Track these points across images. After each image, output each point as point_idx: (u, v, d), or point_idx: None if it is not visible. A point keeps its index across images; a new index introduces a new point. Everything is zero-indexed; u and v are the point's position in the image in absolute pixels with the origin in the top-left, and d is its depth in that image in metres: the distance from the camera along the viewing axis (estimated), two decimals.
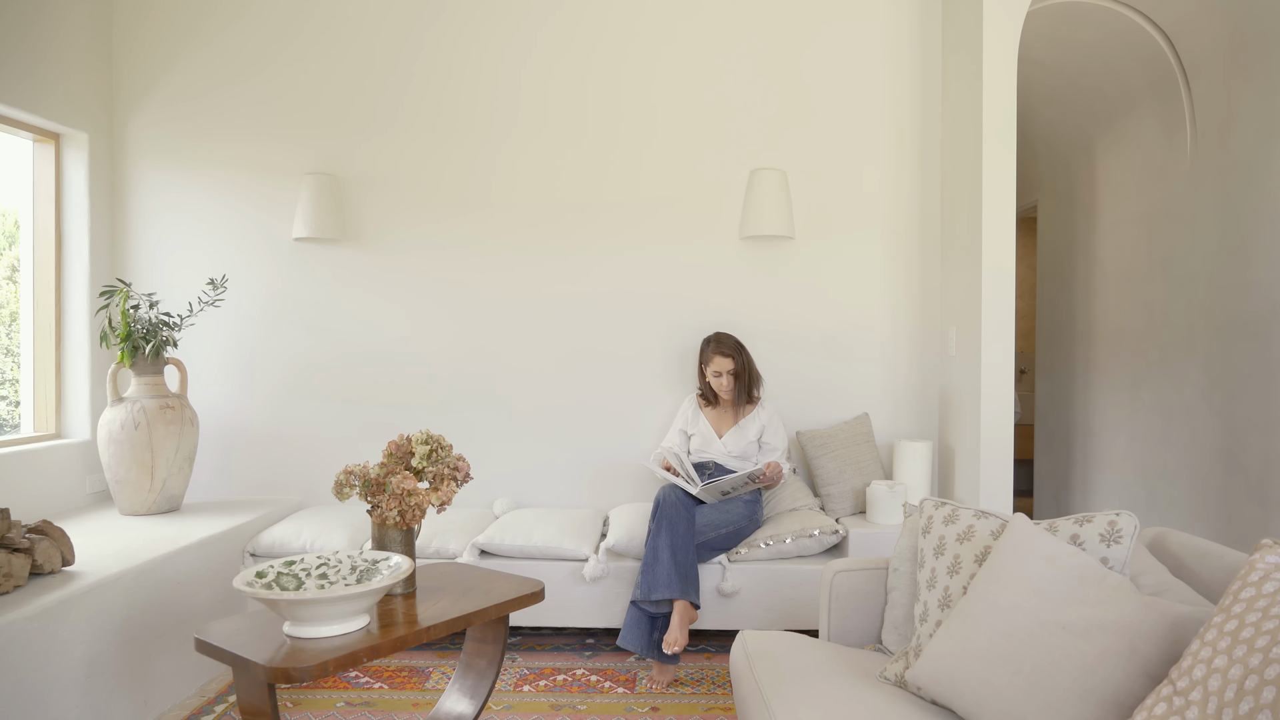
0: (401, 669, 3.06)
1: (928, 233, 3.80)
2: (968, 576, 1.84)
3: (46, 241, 3.63)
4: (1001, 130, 3.24)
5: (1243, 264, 3.43)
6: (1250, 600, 1.31)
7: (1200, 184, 3.70)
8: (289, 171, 3.83)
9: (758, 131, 3.80)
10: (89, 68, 3.71)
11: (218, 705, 2.81)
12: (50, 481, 3.45)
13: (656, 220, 3.82)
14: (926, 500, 2.09)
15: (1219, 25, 3.49)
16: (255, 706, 1.82)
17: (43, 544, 2.44)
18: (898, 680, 1.87)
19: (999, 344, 3.26)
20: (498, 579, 2.36)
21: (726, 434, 3.45)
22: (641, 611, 2.99)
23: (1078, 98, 4.51)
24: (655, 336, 3.83)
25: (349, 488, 2.17)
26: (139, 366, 3.34)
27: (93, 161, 3.71)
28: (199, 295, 3.65)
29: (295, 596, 1.78)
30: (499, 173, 3.83)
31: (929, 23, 3.76)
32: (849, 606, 2.24)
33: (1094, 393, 4.66)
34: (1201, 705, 1.25)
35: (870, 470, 3.58)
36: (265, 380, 3.86)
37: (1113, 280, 4.44)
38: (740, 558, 3.20)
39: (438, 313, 3.86)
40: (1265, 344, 3.30)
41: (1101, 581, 1.61)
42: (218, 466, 3.85)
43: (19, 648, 2.16)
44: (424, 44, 3.83)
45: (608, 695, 2.86)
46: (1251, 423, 3.38)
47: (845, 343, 3.82)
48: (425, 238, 3.84)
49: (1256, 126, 3.35)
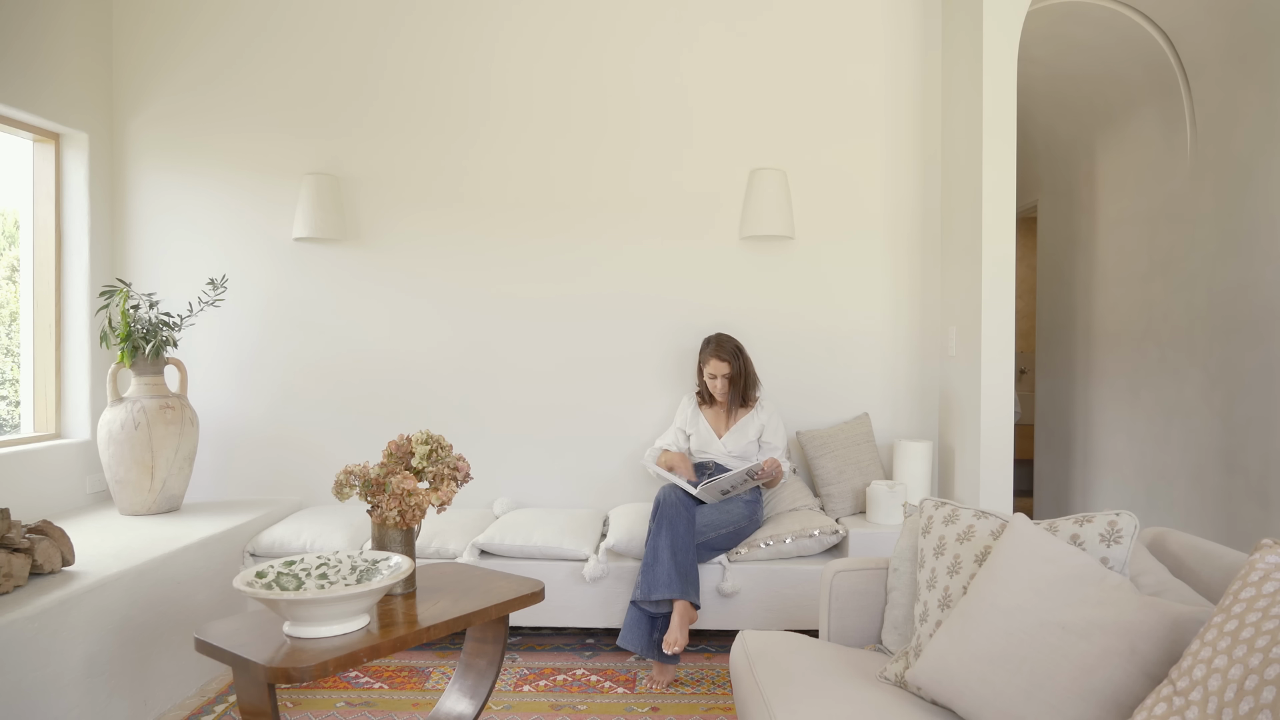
0: (401, 669, 3.06)
1: (928, 232, 3.80)
2: (968, 576, 1.84)
3: (46, 241, 3.63)
4: (1001, 130, 3.25)
5: (1243, 264, 3.43)
6: (1250, 600, 1.31)
7: (1200, 184, 3.70)
8: (289, 171, 3.83)
9: (758, 131, 3.80)
10: (89, 67, 3.71)
11: (218, 705, 2.81)
12: (50, 481, 3.45)
13: (657, 220, 3.82)
14: (926, 500, 2.09)
15: (1219, 25, 3.49)
16: (255, 706, 1.82)
17: (43, 544, 2.45)
18: (898, 680, 1.87)
19: (999, 344, 3.26)
20: (498, 579, 2.36)
21: (726, 434, 3.45)
22: (641, 611, 2.99)
23: (1078, 97, 4.51)
24: (655, 336, 3.84)
25: (349, 488, 2.18)
26: (139, 366, 3.34)
27: (93, 161, 3.72)
28: (199, 295, 3.65)
29: (295, 596, 1.78)
30: (499, 173, 3.84)
31: (929, 23, 3.76)
32: (849, 606, 2.24)
33: (1094, 393, 4.65)
34: (1201, 705, 1.25)
35: (870, 470, 3.58)
36: (265, 380, 3.86)
37: (1113, 280, 4.44)
38: (740, 558, 3.20)
39: (438, 312, 3.86)
40: (1265, 344, 3.30)
41: (1101, 581, 1.61)
42: (218, 466, 3.85)
43: (19, 648, 2.16)
44: (425, 43, 3.83)
45: (608, 695, 2.86)
46: (1251, 423, 3.38)
47: (845, 343, 3.82)
48: (425, 237, 3.84)
49: (1256, 126, 3.35)
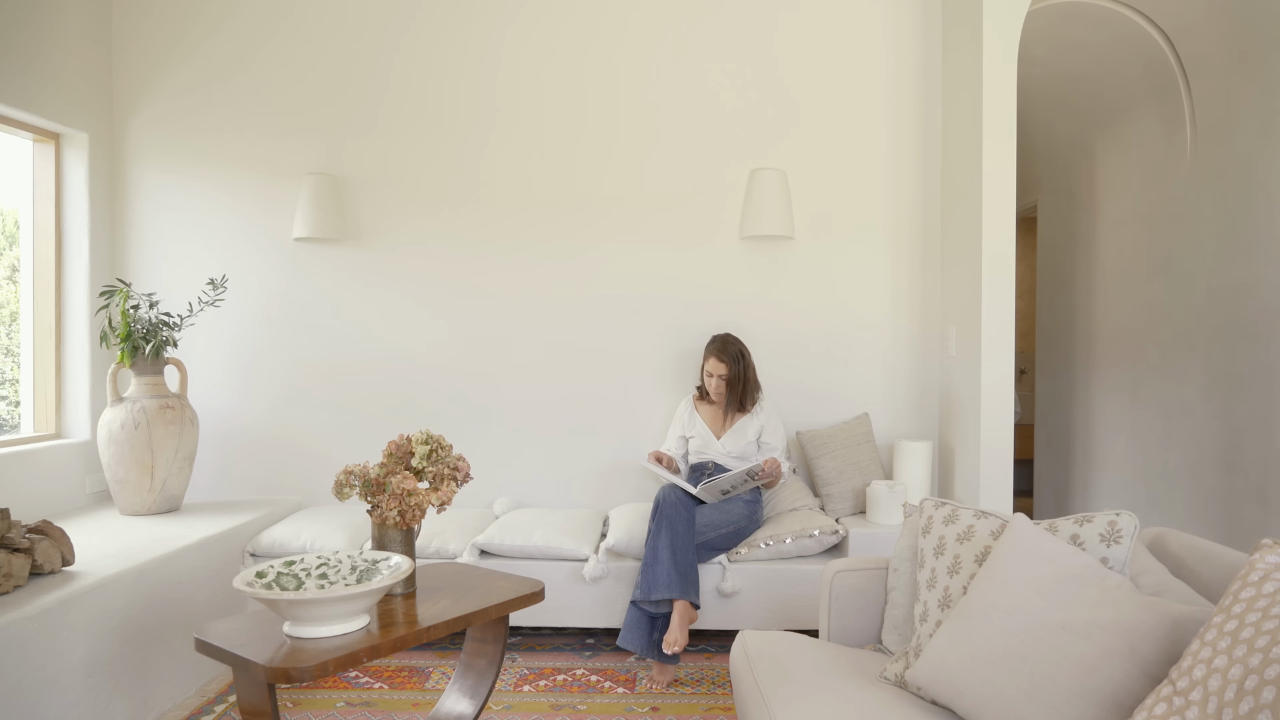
0: (401, 669, 3.06)
1: (928, 232, 3.80)
2: (968, 576, 1.84)
3: (46, 241, 3.63)
4: (1001, 130, 3.25)
5: (1243, 264, 3.43)
6: (1250, 600, 1.31)
7: (1200, 184, 3.70)
8: (289, 171, 3.83)
9: (758, 131, 3.80)
10: (88, 67, 3.71)
11: (218, 705, 2.81)
12: (50, 481, 3.45)
13: (657, 220, 3.82)
14: (926, 500, 2.09)
15: (1219, 25, 3.49)
16: (255, 706, 1.82)
17: (43, 544, 2.45)
18: (898, 680, 1.87)
19: (999, 344, 3.26)
20: (498, 579, 2.36)
21: (725, 435, 3.45)
22: (641, 611, 2.99)
23: (1078, 98, 4.51)
24: (655, 336, 3.84)
25: (349, 488, 2.18)
26: (139, 366, 3.34)
27: (93, 161, 3.71)
28: (199, 295, 3.65)
29: (295, 596, 1.78)
30: (499, 173, 3.83)
31: (929, 23, 3.76)
32: (849, 606, 2.24)
33: (1094, 393, 4.65)
34: (1201, 705, 1.25)
35: (870, 470, 3.58)
36: (265, 380, 3.86)
37: (1113, 280, 4.44)
38: (740, 558, 3.20)
39: (438, 312, 3.86)
40: (1265, 344, 3.30)
41: (1101, 581, 1.61)
42: (218, 466, 3.85)
43: (19, 648, 2.16)
44: (425, 44, 3.83)
45: (608, 695, 2.86)
46: (1251, 423, 3.38)
47: (845, 343, 3.82)
48: (425, 238, 3.84)
49: (1256, 126, 3.35)
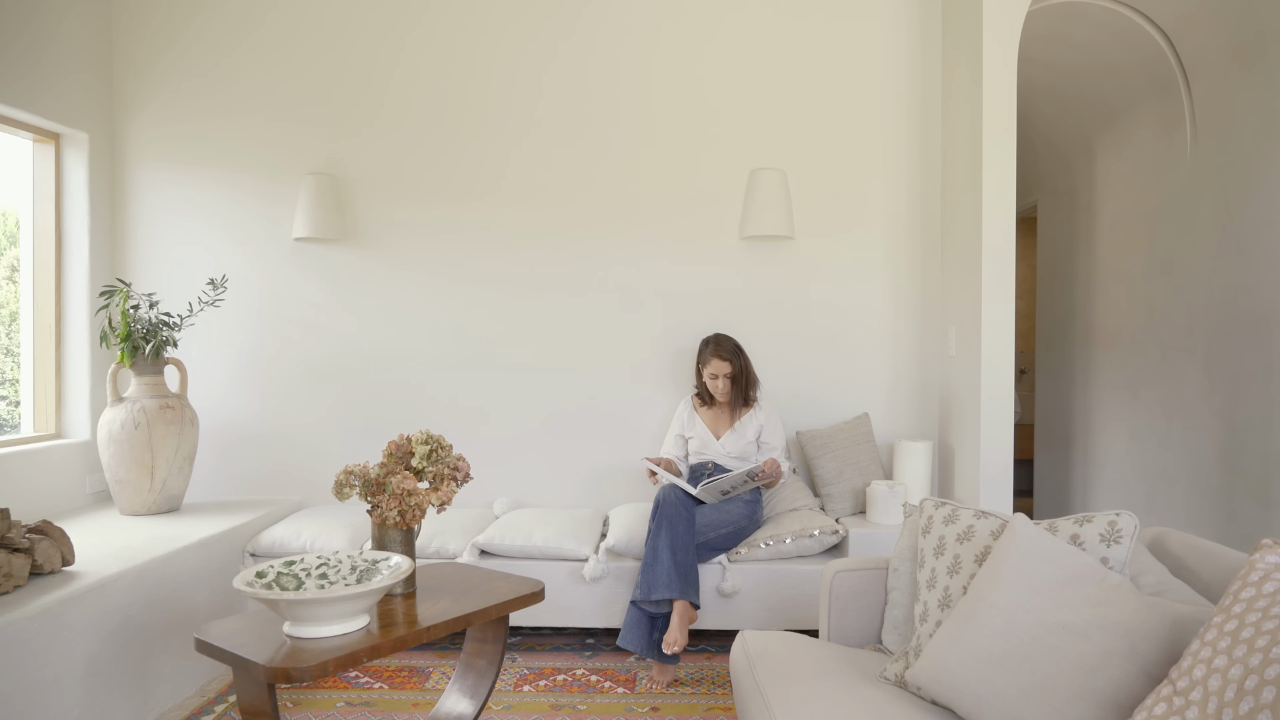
0: (401, 669, 3.06)
1: (928, 233, 3.80)
2: (968, 576, 1.84)
3: (46, 241, 3.63)
4: (1001, 130, 3.25)
5: (1243, 264, 3.43)
6: (1250, 600, 1.31)
7: (1200, 184, 3.70)
8: (288, 171, 3.83)
9: (758, 131, 3.80)
10: (89, 67, 3.71)
11: (218, 705, 2.81)
12: (50, 481, 3.45)
13: (657, 220, 3.82)
14: (926, 500, 2.09)
15: (1219, 25, 3.49)
16: (255, 706, 1.82)
17: (43, 544, 2.45)
18: (898, 680, 1.87)
19: (999, 344, 3.26)
20: (498, 579, 2.36)
21: (725, 435, 3.45)
22: (641, 611, 2.99)
23: (1077, 98, 4.51)
24: (655, 336, 3.83)
25: (349, 488, 2.18)
26: (139, 366, 3.34)
27: (93, 161, 3.71)
28: (199, 295, 3.65)
29: (295, 596, 1.78)
30: (499, 173, 3.83)
31: (929, 22, 3.76)
32: (849, 606, 2.24)
33: (1094, 393, 4.65)
34: (1201, 705, 1.25)
35: (870, 470, 3.58)
36: (265, 380, 3.86)
37: (1113, 280, 4.44)
38: (740, 558, 3.20)
39: (438, 313, 3.86)
40: (1265, 344, 3.30)
41: (1101, 581, 1.61)
42: (218, 466, 3.85)
43: (19, 648, 2.16)
44: (426, 44, 3.83)
45: (608, 695, 2.86)
46: (1251, 423, 3.38)
47: (845, 343, 3.82)
48: (426, 238, 3.84)
49: (1256, 126, 3.35)
